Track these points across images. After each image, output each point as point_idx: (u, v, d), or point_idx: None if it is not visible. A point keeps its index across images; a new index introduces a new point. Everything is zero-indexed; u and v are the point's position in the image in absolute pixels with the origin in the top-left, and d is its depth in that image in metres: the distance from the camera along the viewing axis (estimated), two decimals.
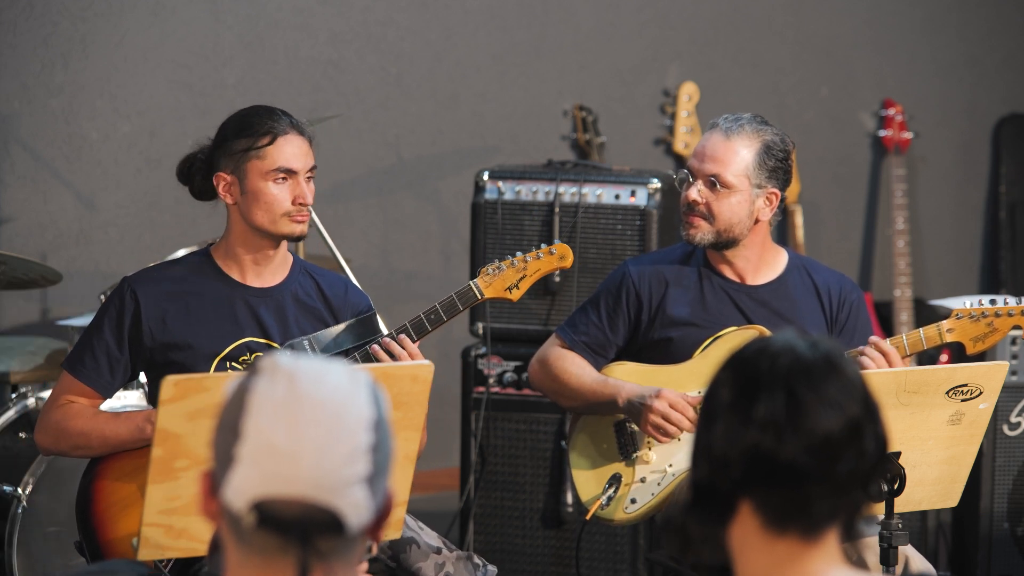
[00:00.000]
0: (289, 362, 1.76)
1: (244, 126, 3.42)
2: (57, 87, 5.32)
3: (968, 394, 3.25)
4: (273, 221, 3.41)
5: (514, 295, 3.56)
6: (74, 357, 3.44)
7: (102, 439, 3.36)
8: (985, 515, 4.70)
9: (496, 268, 3.56)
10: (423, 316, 3.49)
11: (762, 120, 3.70)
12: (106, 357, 3.41)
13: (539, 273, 3.58)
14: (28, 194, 5.31)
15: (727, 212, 3.67)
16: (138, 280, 3.45)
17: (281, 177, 3.40)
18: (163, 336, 3.41)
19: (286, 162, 3.41)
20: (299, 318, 3.49)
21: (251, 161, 3.40)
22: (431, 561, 3.39)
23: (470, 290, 3.53)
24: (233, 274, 3.48)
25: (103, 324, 3.43)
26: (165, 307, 3.42)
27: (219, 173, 3.43)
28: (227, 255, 3.49)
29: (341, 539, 1.74)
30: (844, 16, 6.35)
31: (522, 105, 5.92)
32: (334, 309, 3.55)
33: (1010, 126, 6.51)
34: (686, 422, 3.59)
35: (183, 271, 3.49)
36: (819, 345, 1.86)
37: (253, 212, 3.41)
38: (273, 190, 3.40)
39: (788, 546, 1.83)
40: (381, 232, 5.83)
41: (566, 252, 3.60)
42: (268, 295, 3.48)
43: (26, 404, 4.39)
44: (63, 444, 3.39)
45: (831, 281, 3.81)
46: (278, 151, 3.40)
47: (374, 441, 1.75)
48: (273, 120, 3.42)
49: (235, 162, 3.41)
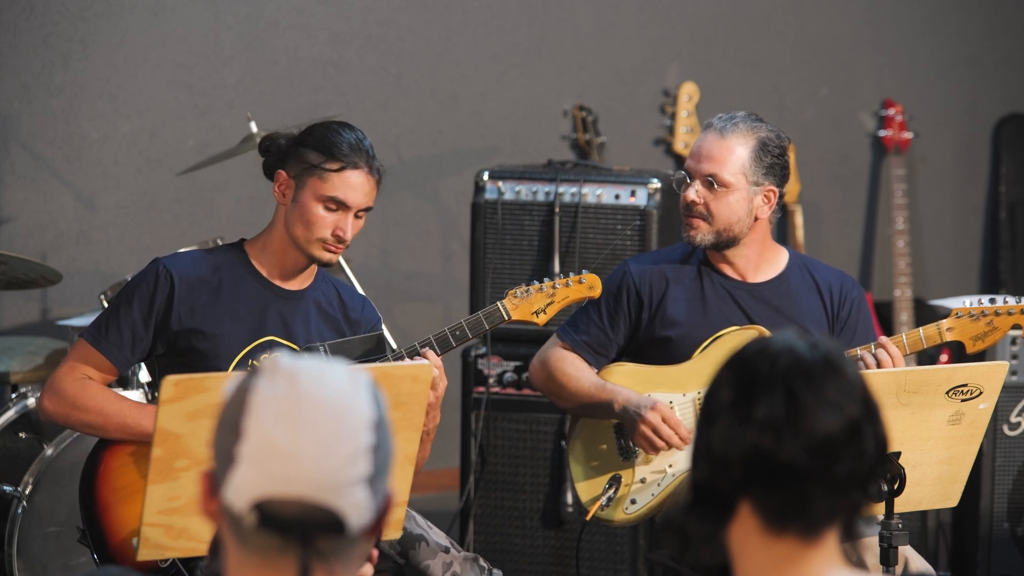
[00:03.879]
0: (290, 362, 1.76)
1: (326, 143, 3.42)
2: (57, 87, 5.32)
3: (968, 394, 3.25)
4: (308, 240, 3.43)
5: (540, 320, 3.60)
6: (97, 329, 3.42)
7: (121, 425, 3.34)
8: (985, 515, 4.70)
9: (524, 292, 3.58)
10: (448, 332, 3.50)
11: (756, 117, 3.70)
12: (131, 333, 3.40)
13: (567, 301, 3.61)
14: (28, 194, 5.32)
15: (726, 211, 3.67)
16: (173, 262, 3.45)
17: (333, 205, 3.41)
18: (191, 322, 3.41)
19: (343, 195, 3.41)
20: (320, 325, 3.52)
21: (313, 178, 3.41)
22: (439, 560, 3.41)
23: (497, 311, 3.55)
24: (264, 271, 3.50)
25: (132, 300, 3.41)
26: (197, 293, 3.43)
27: (282, 171, 3.45)
28: (263, 251, 3.51)
29: (342, 539, 1.74)
30: (844, 16, 6.35)
31: (522, 105, 5.92)
32: (351, 321, 3.58)
33: (1010, 126, 6.51)
34: (675, 438, 3.59)
35: (218, 261, 3.50)
36: (819, 346, 1.86)
37: (294, 223, 3.43)
38: (320, 212, 3.41)
39: (787, 546, 1.83)
40: (381, 232, 5.83)
41: (595, 283, 3.62)
42: (295, 298, 3.51)
43: (26, 404, 4.39)
44: (75, 418, 3.36)
45: (832, 279, 3.81)
46: (341, 181, 3.41)
47: (375, 441, 1.75)
48: (353, 151, 3.42)
49: (300, 169, 3.43)
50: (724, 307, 3.74)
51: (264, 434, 1.72)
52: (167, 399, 2.79)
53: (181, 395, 2.79)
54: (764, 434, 1.81)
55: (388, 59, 5.75)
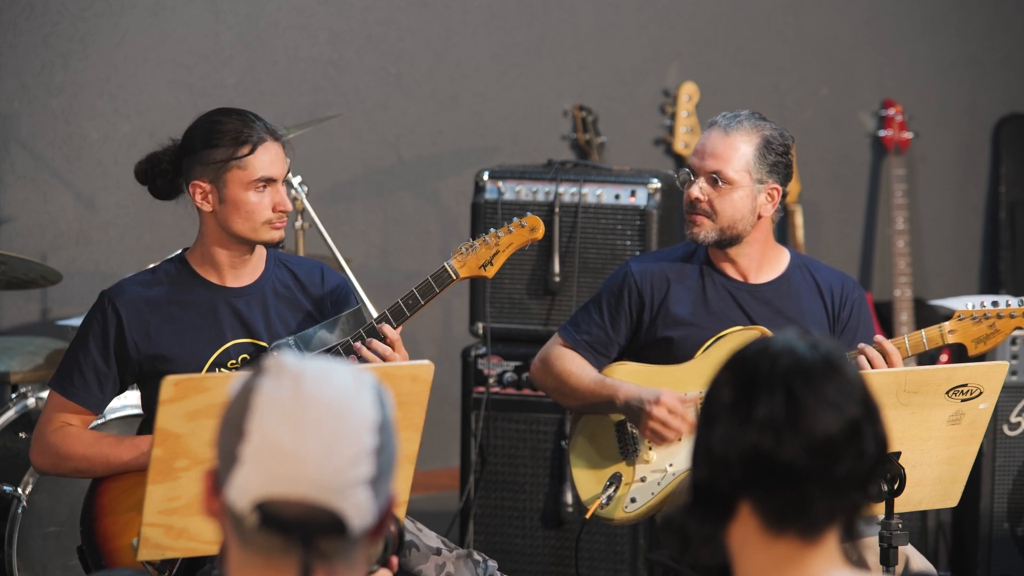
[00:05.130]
0: (295, 363, 1.76)
1: (219, 134, 3.38)
2: (57, 87, 5.32)
3: (968, 394, 3.25)
4: (254, 229, 3.40)
5: (489, 272, 3.54)
6: (62, 377, 3.42)
7: (106, 464, 3.36)
8: (985, 515, 4.70)
9: (469, 247, 3.54)
10: (401, 301, 3.49)
11: (760, 116, 3.71)
12: (94, 374, 3.40)
13: (512, 247, 3.56)
14: (28, 194, 5.31)
15: (729, 208, 3.67)
16: (117, 293, 3.43)
17: (261, 186, 3.38)
18: (148, 348, 3.40)
19: (267, 172, 3.38)
20: (280, 311, 3.49)
21: (231, 171, 3.37)
22: (431, 563, 3.39)
23: (444, 271, 3.52)
24: (211, 277, 3.47)
25: (88, 341, 3.41)
26: (148, 318, 3.41)
27: (195, 182, 3.39)
28: (203, 259, 3.48)
29: (343, 540, 1.74)
30: (844, 16, 6.35)
31: (522, 105, 5.92)
32: (313, 297, 3.54)
33: (1010, 126, 6.51)
34: (684, 427, 3.59)
35: (161, 279, 3.47)
36: (819, 346, 1.86)
37: (233, 221, 3.40)
38: (253, 199, 3.38)
39: (788, 546, 1.83)
40: (381, 232, 5.83)
41: (537, 224, 3.57)
42: (248, 293, 3.48)
43: (26, 404, 4.39)
44: (63, 468, 3.38)
45: (833, 280, 3.81)
46: (258, 161, 3.38)
47: (378, 443, 1.75)
48: (249, 128, 3.38)
49: (214, 172, 3.38)
50: (726, 308, 3.74)
51: (267, 434, 1.72)
52: (167, 399, 2.79)
53: (181, 395, 2.79)
54: (764, 434, 1.81)
55: (388, 59, 5.75)
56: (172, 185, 3.46)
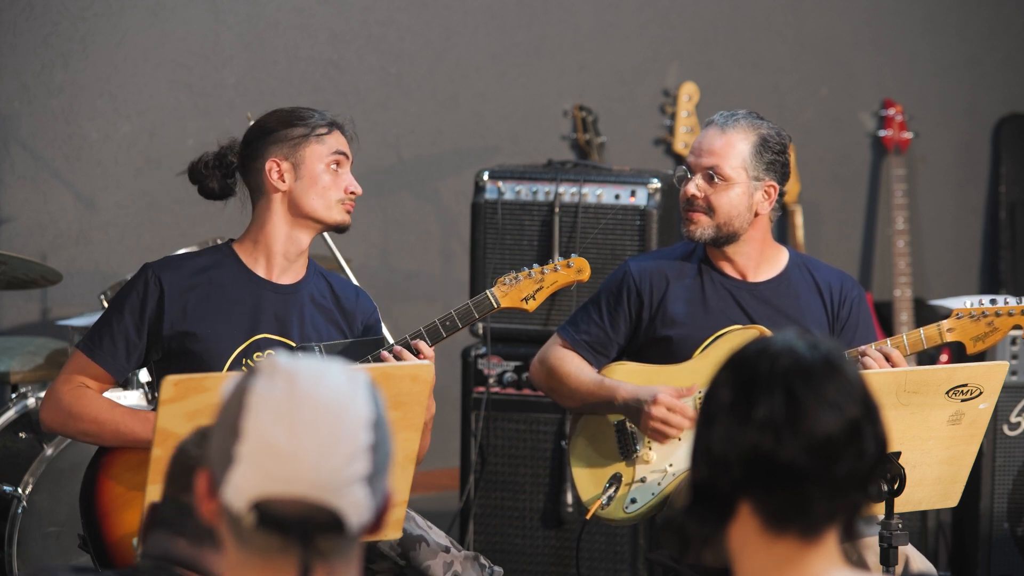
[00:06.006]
0: (288, 362, 1.77)
1: (296, 116, 3.50)
2: (57, 87, 5.32)
3: (968, 394, 3.25)
4: (328, 207, 3.48)
5: (530, 306, 3.59)
6: (92, 339, 3.43)
7: (115, 432, 3.36)
8: (985, 515, 4.70)
9: (513, 278, 3.57)
10: (438, 322, 3.50)
11: (757, 115, 3.72)
12: (124, 341, 3.41)
13: (556, 285, 3.61)
14: (28, 194, 5.31)
15: (726, 205, 3.67)
16: (162, 267, 3.46)
17: (336, 162, 3.47)
18: (183, 325, 3.42)
19: (343, 147, 3.50)
20: (315, 318, 3.51)
21: (311, 146, 3.47)
22: (440, 560, 3.40)
23: (486, 299, 3.55)
24: (258, 270, 3.50)
25: (124, 308, 3.42)
26: (187, 296, 3.43)
27: (273, 159, 3.46)
28: (255, 249, 3.51)
29: (342, 538, 1.75)
30: (844, 16, 6.35)
31: (522, 105, 5.92)
32: (346, 312, 3.57)
33: (1010, 126, 6.51)
34: (685, 423, 3.59)
35: (206, 262, 3.50)
36: (819, 346, 1.86)
37: (307, 198, 3.47)
38: (328, 175, 3.47)
39: (787, 547, 1.83)
40: (381, 232, 5.83)
41: (584, 266, 3.62)
42: (289, 292, 3.51)
43: (26, 404, 4.39)
44: (71, 427, 3.38)
45: (832, 278, 3.81)
46: (335, 138, 3.50)
47: (373, 440, 1.75)
48: (321, 115, 3.51)
49: (291, 147, 3.46)
50: (725, 306, 3.74)
51: (263, 434, 1.72)
52: (167, 399, 2.79)
53: (181, 395, 2.79)
54: (764, 434, 1.81)
55: (388, 59, 5.75)
56: (245, 169, 3.51)
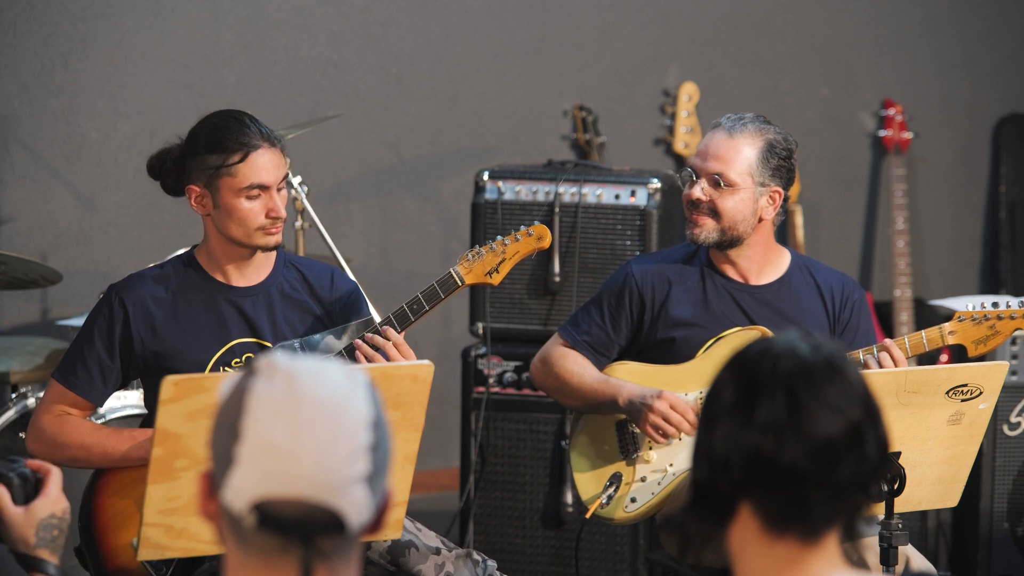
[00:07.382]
0: (287, 362, 1.76)
1: (215, 140, 3.38)
2: (57, 87, 5.31)
3: (968, 394, 3.25)
4: (247, 235, 3.41)
5: (494, 279, 3.54)
6: (65, 367, 3.43)
7: (103, 454, 3.36)
8: (985, 515, 4.70)
9: (475, 254, 3.54)
10: (406, 306, 3.49)
11: (765, 120, 3.71)
12: (98, 367, 3.41)
13: (518, 255, 3.55)
14: (28, 194, 5.31)
15: (731, 210, 3.67)
16: (125, 287, 3.45)
17: (254, 193, 3.38)
18: (153, 344, 3.41)
19: (257, 178, 3.37)
20: (286, 312, 3.49)
21: (223, 178, 3.37)
22: (431, 563, 3.38)
23: (450, 277, 3.52)
24: (218, 276, 3.48)
25: (93, 333, 3.42)
26: (154, 314, 3.42)
27: (190, 186, 3.41)
28: (209, 258, 3.49)
29: (342, 538, 1.74)
30: (844, 16, 6.35)
31: (522, 105, 5.92)
32: (322, 300, 3.54)
33: (1010, 126, 6.51)
34: (685, 424, 3.59)
35: (169, 276, 3.48)
36: (821, 348, 1.86)
37: (227, 226, 3.40)
38: (246, 205, 3.38)
39: (788, 548, 1.83)
40: (381, 232, 5.83)
41: (544, 233, 3.57)
42: (254, 293, 3.48)
43: (26, 404, 4.39)
44: (59, 456, 3.36)
45: (833, 281, 3.81)
46: (249, 168, 3.37)
47: (373, 440, 1.75)
48: (244, 135, 3.38)
49: (207, 177, 3.38)
50: (726, 309, 3.74)
51: (263, 434, 1.72)
52: (167, 399, 2.79)
53: (181, 395, 2.79)
54: (765, 436, 1.81)
55: (388, 59, 5.74)
56: (179, 183, 3.46)
